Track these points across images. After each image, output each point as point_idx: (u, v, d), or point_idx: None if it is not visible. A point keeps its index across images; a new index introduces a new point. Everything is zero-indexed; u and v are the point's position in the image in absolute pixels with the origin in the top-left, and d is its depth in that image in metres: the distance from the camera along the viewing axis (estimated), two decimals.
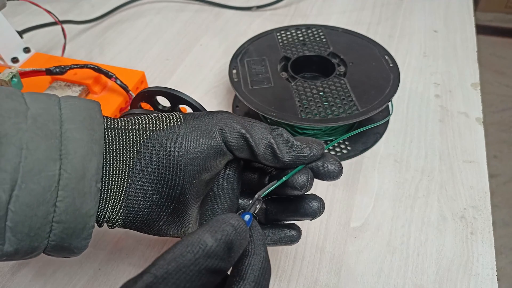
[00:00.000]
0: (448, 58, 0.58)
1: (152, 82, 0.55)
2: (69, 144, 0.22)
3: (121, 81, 0.45)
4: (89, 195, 0.22)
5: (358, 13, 0.68)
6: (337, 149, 0.45)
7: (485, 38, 1.86)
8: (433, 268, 0.35)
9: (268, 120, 0.46)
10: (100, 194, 0.24)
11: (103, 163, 0.24)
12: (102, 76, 0.46)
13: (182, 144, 0.25)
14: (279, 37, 0.53)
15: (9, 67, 0.49)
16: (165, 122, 0.26)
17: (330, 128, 0.45)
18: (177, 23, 0.67)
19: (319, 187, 0.41)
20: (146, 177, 0.24)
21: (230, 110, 0.51)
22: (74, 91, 0.45)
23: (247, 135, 0.25)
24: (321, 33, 0.53)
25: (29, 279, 0.35)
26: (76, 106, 0.24)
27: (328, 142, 0.46)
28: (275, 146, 0.25)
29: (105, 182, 0.24)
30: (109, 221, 0.25)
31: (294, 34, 0.53)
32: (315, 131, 0.45)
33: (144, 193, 0.24)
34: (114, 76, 0.45)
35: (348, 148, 0.45)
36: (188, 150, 0.24)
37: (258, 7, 0.69)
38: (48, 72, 0.44)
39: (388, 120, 0.48)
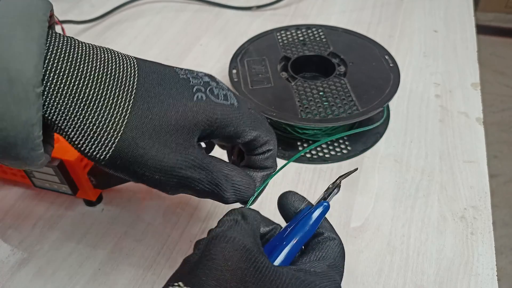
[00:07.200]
0: (448, 58, 0.58)
1: None
2: None
3: None
4: (26, 101, 0.20)
5: (358, 13, 0.68)
6: (337, 149, 0.45)
7: (485, 38, 1.86)
8: (433, 268, 0.35)
9: (268, 120, 0.46)
10: (44, 100, 0.21)
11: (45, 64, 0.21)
12: None
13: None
14: (279, 37, 0.53)
15: None
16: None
17: (330, 128, 0.45)
18: (177, 23, 0.67)
19: (319, 187, 0.41)
20: None
21: None
22: None
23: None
24: (321, 33, 0.53)
25: (29, 279, 0.35)
26: (12, 1, 0.21)
27: (329, 142, 0.46)
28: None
29: (49, 85, 0.21)
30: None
31: (294, 34, 0.53)
32: (315, 131, 0.45)
33: None
34: None
35: (348, 148, 0.45)
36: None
37: (258, 7, 0.69)
38: None
39: (388, 120, 0.48)
